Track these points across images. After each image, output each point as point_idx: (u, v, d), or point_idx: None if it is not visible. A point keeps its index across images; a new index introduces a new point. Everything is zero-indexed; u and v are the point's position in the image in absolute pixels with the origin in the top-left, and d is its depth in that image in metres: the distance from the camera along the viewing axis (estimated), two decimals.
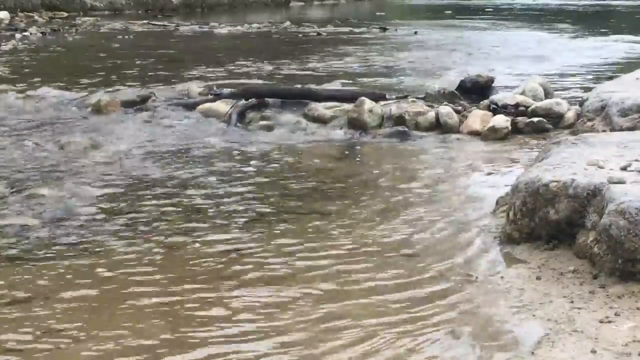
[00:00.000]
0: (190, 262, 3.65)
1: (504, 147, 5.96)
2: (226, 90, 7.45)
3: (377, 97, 6.86)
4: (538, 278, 3.31)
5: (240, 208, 4.48)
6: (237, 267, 3.58)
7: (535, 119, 6.32)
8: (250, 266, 3.60)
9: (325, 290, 3.31)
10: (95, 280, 3.44)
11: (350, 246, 3.85)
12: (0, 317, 3.07)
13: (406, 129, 6.39)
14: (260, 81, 8.49)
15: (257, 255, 3.74)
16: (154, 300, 3.23)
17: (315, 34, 14.83)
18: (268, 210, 4.45)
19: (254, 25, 16.18)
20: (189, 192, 4.80)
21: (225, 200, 4.63)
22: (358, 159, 5.76)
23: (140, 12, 20.09)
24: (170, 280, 3.45)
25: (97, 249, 3.81)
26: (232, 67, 9.75)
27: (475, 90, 7.13)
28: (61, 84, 8.27)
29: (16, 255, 3.71)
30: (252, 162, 5.57)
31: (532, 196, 3.59)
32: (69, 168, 5.32)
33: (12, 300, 3.22)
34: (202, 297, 3.26)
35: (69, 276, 3.47)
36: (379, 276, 3.46)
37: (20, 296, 3.27)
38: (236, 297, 3.27)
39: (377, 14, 21.38)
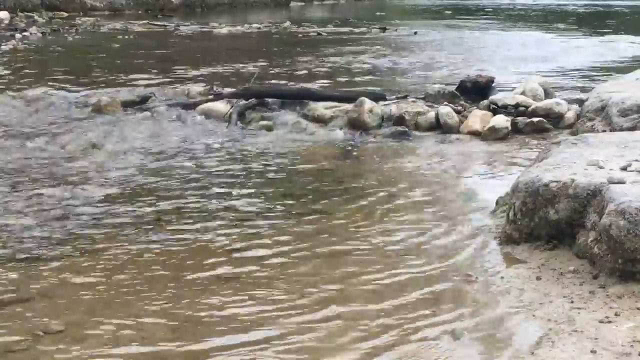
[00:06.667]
0: (191, 262, 3.65)
1: (504, 147, 5.96)
2: (226, 90, 7.44)
3: (377, 97, 6.86)
4: (538, 278, 3.32)
5: (240, 208, 4.48)
6: (237, 267, 3.58)
7: (535, 119, 6.32)
8: (250, 266, 3.60)
9: (325, 291, 3.32)
10: (95, 280, 3.44)
11: (350, 246, 3.85)
12: (0, 317, 3.07)
13: (406, 129, 6.38)
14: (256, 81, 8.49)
15: (257, 255, 3.74)
16: (154, 300, 3.24)
17: (315, 34, 14.81)
18: (268, 210, 4.45)
19: (254, 25, 16.17)
20: (189, 192, 4.81)
21: (225, 200, 4.64)
22: (358, 159, 5.76)
23: (140, 12, 20.07)
24: (171, 279, 3.45)
25: (97, 249, 3.81)
26: (232, 67, 9.74)
27: (475, 90, 7.12)
28: (61, 84, 8.26)
29: (16, 256, 3.71)
30: (252, 162, 5.57)
31: (532, 196, 3.59)
32: (69, 168, 5.32)
33: (12, 300, 3.22)
34: (202, 297, 3.26)
35: (68, 276, 3.48)
36: (378, 276, 3.46)
37: (21, 296, 3.27)
38: (237, 297, 3.27)
39: (377, 14, 21.35)
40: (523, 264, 3.49)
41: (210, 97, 7.28)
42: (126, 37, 14.03)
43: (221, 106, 6.98)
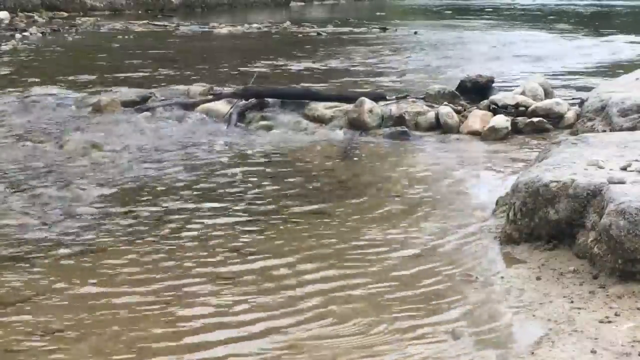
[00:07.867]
0: (190, 262, 3.65)
1: (504, 147, 5.96)
2: (226, 90, 7.44)
3: (377, 97, 6.86)
4: (538, 278, 3.32)
5: (240, 208, 4.48)
6: (237, 267, 3.59)
7: (535, 119, 6.32)
8: (250, 266, 3.60)
9: (325, 291, 3.32)
10: (95, 280, 3.44)
11: (350, 246, 3.85)
12: (1, 317, 3.07)
13: (406, 129, 6.38)
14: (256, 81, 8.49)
15: (257, 255, 3.74)
16: (154, 300, 3.24)
17: (315, 34, 14.82)
18: (268, 210, 4.45)
19: (254, 25, 16.18)
20: (189, 191, 4.81)
21: (225, 200, 4.64)
22: (358, 159, 5.75)
23: (140, 12, 20.08)
24: (170, 279, 3.45)
25: (97, 249, 3.81)
26: (232, 67, 9.75)
27: (475, 90, 7.12)
28: (61, 84, 8.27)
29: (16, 255, 3.71)
30: (251, 162, 5.57)
31: (532, 196, 3.59)
32: (69, 168, 5.32)
33: (12, 301, 3.22)
34: (202, 297, 3.26)
35: (69, 276, 3.48)
36: (379, 276, 3.46)
37: (21, 296, 3.27)
38: (236, 297, 3.27)
39: (377, 14, 21.36)
40: (523, 264, 3.49)
41: (210, 97, 7.27)
42: (126, 37, 14.04)
43: (221, 106, 6.98)
